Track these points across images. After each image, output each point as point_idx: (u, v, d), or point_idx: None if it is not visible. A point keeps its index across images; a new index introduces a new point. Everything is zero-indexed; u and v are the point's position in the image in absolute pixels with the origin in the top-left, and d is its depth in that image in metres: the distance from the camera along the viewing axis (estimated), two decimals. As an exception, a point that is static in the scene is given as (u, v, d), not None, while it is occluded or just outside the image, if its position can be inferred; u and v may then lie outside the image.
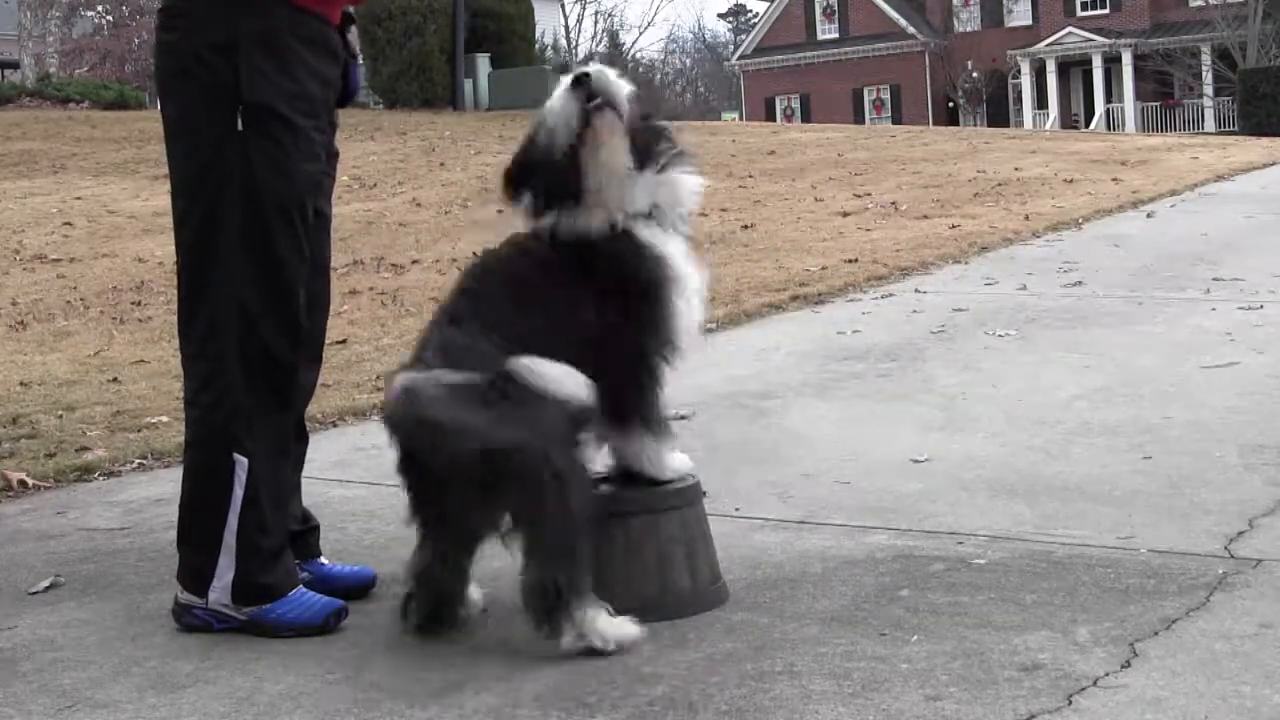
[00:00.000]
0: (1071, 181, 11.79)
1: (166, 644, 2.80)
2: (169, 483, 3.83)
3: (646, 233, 2.77)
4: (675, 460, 2.87)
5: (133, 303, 7.87)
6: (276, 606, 2.81)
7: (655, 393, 2.80)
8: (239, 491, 2.79)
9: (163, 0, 2.88)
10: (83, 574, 3.31)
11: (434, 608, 2.77)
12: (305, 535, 3.07)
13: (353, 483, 4.06)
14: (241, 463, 2.79)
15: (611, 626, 2.60)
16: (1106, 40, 41.23)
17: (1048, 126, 37.19)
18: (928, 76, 44.74)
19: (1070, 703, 2.29)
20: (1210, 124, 38.66)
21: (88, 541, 3.61)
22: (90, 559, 3.44)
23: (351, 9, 2.98)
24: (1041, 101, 42.67)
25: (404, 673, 2.57)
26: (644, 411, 2.79)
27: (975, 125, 37.83)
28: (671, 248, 2.78)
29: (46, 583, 3.23)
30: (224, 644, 2.78)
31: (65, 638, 2.87)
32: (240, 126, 2.75)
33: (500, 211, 2.95)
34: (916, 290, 7.14)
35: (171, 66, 2.83)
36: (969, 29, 44.50)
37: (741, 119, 41.11)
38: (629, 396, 2.76)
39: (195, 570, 2.84)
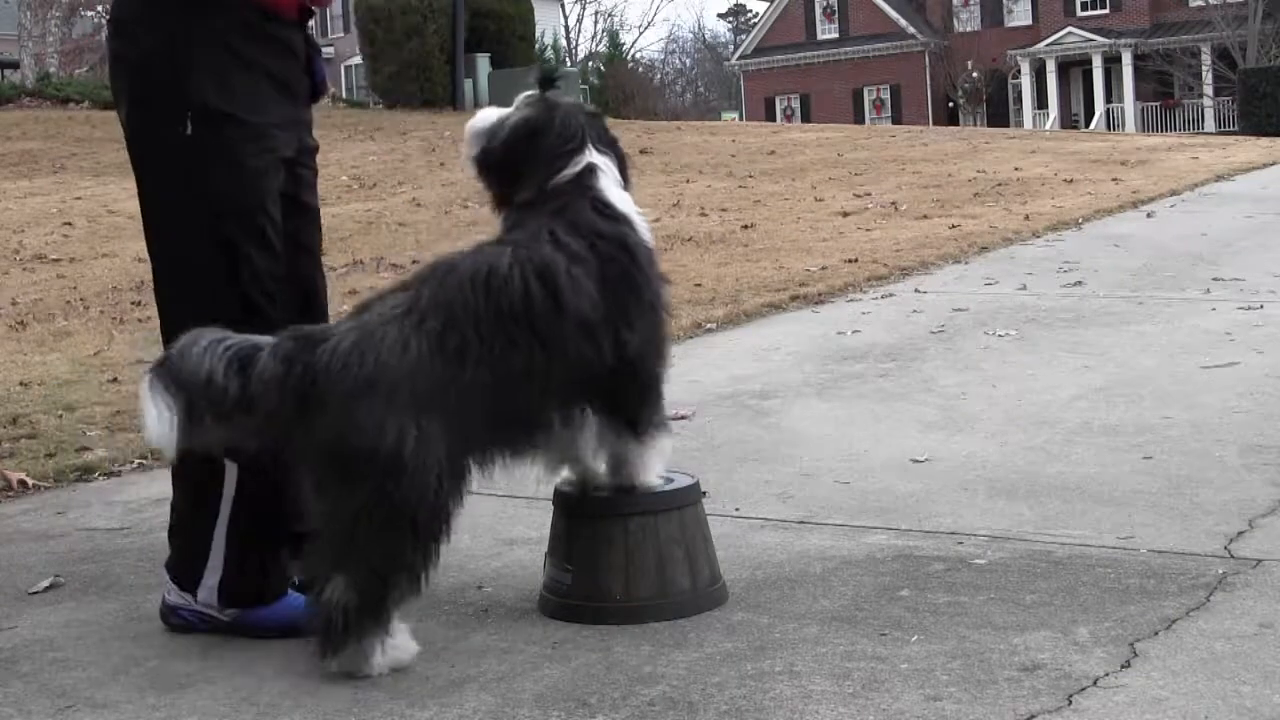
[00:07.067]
0: (1071, 181, 11.78)
1: (166, 644, 2.80)
2: (168, 482, 3.81)
3: None
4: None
5: (133, 303, 7.86)
6: (262, 609, 2.81)
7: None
8: (230, 493, 2.79)
9: (111, 11, 2.89)
10: (83, 574, 3.31)
11: None
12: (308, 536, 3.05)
13: (353, 483, 4.05)
14: (231, 466, 2.78)
15: None
16: (1106, 40, 41.22)
17: (1048, 126, 37.18)
18: (928, 76, 44.73)
19: (1070, 703, 2.29)
20: (1210, 124, 38.65)
21: (88, 541, 3.61)
22: (90, 559, 3.44)
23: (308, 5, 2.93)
24: (1041, 101, 42.66)
25: (404, 673, 2.56)
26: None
27: (975, 125, 37.81)
28: None
29: (46, 583, 3.23)
30: (224, 644, 2.78)
31: (65, 638, 2.86)
32: (189, 131, 2.73)
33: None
34: (916, 290, 7.14)
35: (120, 75, 2.84)
36: (969, 29, 44.49)
37: (741, 119, 41.09)
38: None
39: (186, 568, 2.85)
